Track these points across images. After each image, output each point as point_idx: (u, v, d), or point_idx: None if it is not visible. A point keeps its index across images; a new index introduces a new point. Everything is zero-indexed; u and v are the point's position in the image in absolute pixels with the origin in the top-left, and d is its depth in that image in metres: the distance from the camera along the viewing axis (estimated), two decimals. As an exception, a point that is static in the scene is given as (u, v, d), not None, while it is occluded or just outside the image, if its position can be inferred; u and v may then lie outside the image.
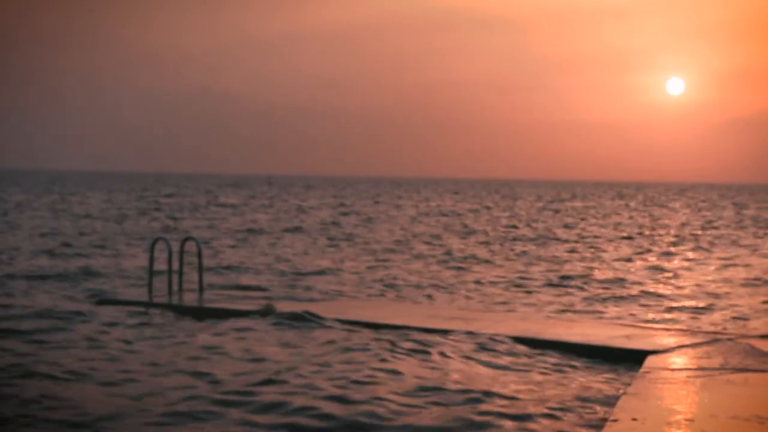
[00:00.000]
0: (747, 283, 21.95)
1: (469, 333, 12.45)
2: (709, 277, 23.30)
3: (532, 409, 8.96)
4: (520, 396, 9.50)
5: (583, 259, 28.21)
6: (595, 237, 39.29)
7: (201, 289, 16.28)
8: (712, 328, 14.36)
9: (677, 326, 14.48)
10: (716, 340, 12.01)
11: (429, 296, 18.91)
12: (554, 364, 11.05)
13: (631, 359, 11.02)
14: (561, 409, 9.00)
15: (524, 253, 30.30)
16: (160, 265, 17.50)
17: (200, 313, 14.50)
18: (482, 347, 11.71)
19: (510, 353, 11.56)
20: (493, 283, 21.40)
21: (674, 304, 18.19)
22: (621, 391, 9.29)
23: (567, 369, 10.88)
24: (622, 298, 19.29)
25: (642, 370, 10.12)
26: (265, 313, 14.20)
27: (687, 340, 12.04)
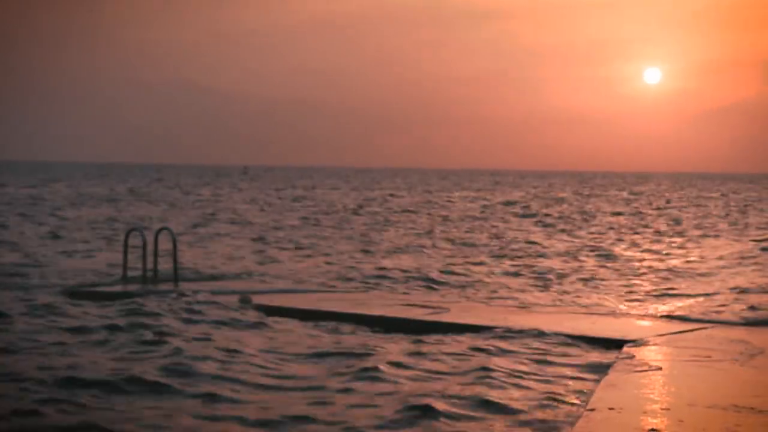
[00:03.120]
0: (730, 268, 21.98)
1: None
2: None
3: (508, 399, 8.88)
4: (499, 385, 9.41)
5: None
6: None
7: (176, 280, 16.11)
8: (690, 316, 14.33)
9: (655, 315, 14.45)
10: (694, 329, 11.99)
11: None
12: (531, 354, 10.98)
13: (608, 348, 10.96)
14: (538, 399, 8.92)
15: None
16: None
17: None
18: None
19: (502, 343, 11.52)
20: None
21: (652, 291, 18.16)
22: (598, 381, 9.21)
23: (544, 358, 10.81)
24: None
25: (619, 359, 10.07)
26: (242, 304, 14.07)
27: (665, 329, 12.01)
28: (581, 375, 10.03)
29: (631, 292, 18.14)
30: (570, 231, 35.97)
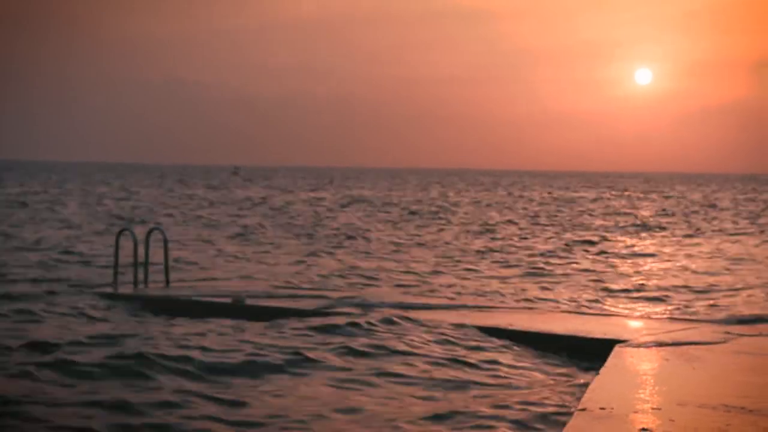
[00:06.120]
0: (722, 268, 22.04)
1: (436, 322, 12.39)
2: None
3: (499, 400, 8.89)
4: (488, 386, 9.42)
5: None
6: None
7: (167, 281, 16.06)
8: (681, 316, 14.37)
9: (645, 314, 14.50)
10: (685, 329, 12.03)
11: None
12: (521, 355, 10.99)
13: (598, 348, 10.98)
14: (528, 401, 8.94)
15: None
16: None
17: (166, 304, 14.34)
18: (447, 338, 11.66)
19: (477, 344, 11.51)
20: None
21: (642, 291, 18.21)
22: (589, 381, 9.23)
23: (534, 359, 10.83)
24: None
25: (610, 359, 10.09)
26: (235, 305, 14.04)
27: (656, 329, 12.04)
28: (572, 374, 10.05)
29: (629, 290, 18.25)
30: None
